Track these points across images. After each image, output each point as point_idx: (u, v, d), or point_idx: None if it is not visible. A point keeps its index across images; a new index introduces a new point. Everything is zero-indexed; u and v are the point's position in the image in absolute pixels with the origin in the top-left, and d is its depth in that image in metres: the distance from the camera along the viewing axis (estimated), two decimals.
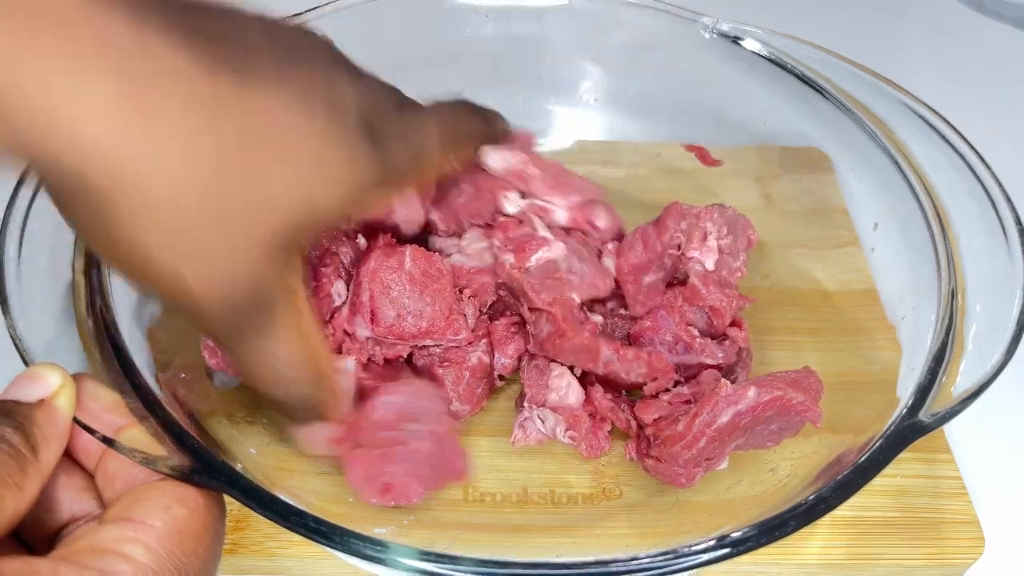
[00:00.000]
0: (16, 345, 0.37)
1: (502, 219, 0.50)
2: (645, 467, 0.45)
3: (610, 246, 0.50)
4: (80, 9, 0.25)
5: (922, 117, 0.50)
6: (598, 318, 0.48)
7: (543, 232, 0.48)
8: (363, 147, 0.33)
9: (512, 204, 0.49)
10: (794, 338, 0.53)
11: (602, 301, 0.50)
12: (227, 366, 0.45)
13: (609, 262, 0.50)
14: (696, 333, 0.48)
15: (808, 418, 0.42)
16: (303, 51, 0.32)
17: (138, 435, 0.33)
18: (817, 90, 0.53)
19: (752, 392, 0.41)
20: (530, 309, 0.46)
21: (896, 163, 0.49)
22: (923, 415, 0.37)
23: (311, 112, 0.31)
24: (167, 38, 0.26)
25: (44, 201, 0.42)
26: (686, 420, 0.42)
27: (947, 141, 0.48)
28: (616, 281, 0.50)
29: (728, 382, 0.42)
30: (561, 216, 0.50)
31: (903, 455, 0.36)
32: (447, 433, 0.44)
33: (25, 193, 0.42)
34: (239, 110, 0.28)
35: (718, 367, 0.47)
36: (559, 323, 0.45)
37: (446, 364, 0.47)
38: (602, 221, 0.50)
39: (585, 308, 0.48)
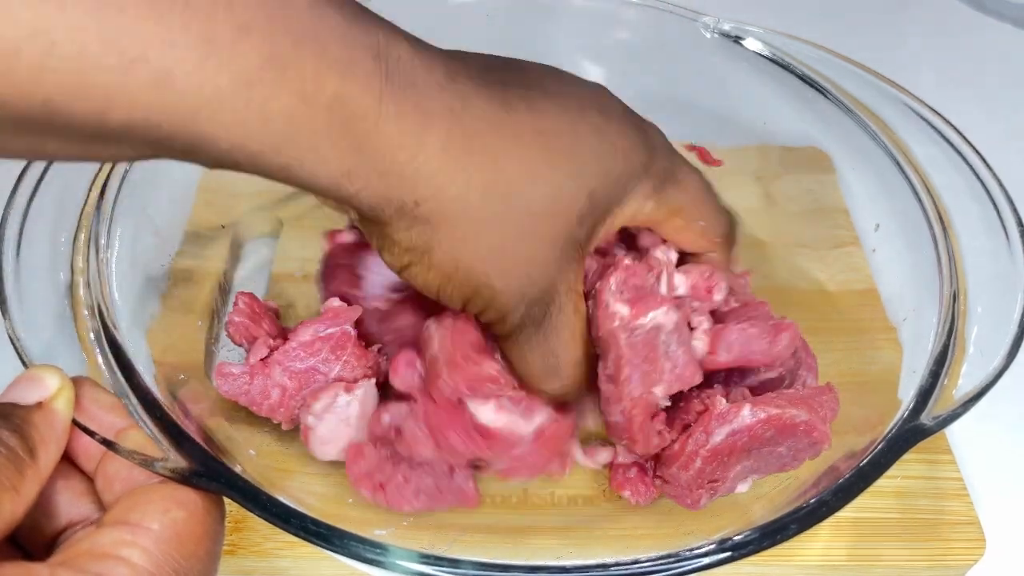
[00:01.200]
0: (15, 346, 0.36)
1: (626, 262, 0.43)
2: (659, 488, 0.44)
3: (706, 324, 0.43)
4: (426, 73, 0.31)
5: (923, 117, 0.49)
6: (666, 403, 0.42)
7: (663, 290, 0.43)
8: (632, 134, 0.38)
9: (663, 253, 0.45)
10: None
11: None
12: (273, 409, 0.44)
13: (699, 344, 0.43)
14: None
15: (814, 439, 0.40)
16: (575, 83, 0.38)
17: (138, 437, 0.33)
18: (818, 90, 0.53)
19: (746, 410, 0.39)
20: (608, 379, 0.41)
21: (897, 163, 0.49)
22: (925, 418, 0.37)
23: (586, 118, 0.36)
24: (472, 88, 0.32)
25: (43, 200, 0.42)
26: (681, 440, 0.41)
27: (948, 141, 0.48)
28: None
29: (723, 399, 0.40)
30: (681, 283, 0.44)
31: (904, 456, 0.36)
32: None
33: (24, 192, 0.42)
34: (532, 131, 0.34)
35: (779, 379, 0.44)
36: (632, 430, 0.41)
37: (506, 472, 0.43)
38: (719, 294, 0.45)
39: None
